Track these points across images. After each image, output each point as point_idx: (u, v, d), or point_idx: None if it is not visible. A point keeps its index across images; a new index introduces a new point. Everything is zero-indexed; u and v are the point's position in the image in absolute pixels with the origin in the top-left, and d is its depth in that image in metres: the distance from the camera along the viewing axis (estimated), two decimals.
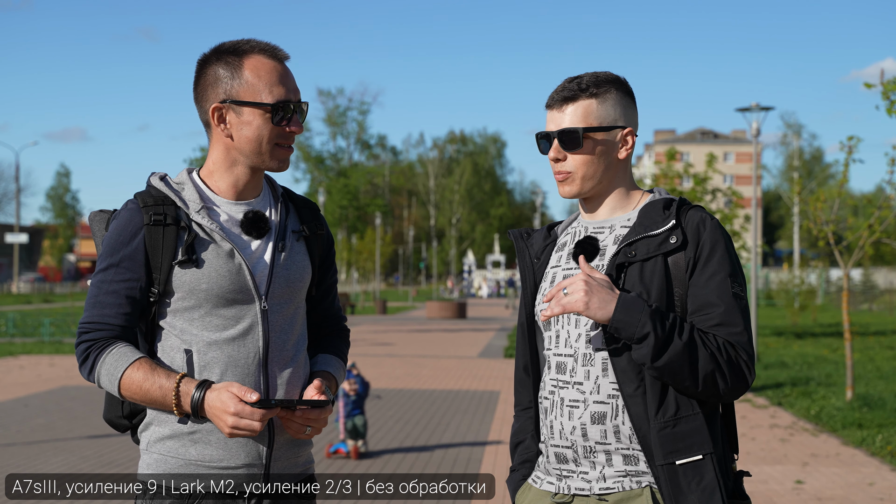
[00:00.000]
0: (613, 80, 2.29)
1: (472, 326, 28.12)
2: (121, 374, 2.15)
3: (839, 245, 11.74)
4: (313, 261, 2.37)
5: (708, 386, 2.10)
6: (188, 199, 2.24)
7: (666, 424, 2.12)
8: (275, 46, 2.27)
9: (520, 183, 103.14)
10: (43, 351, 18.72)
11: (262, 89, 2.21)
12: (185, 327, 2.22)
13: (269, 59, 2.24)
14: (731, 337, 2.12)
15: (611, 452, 2.18)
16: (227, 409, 2.08)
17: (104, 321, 2.20)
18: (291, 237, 2.33)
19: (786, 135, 78.43)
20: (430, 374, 14.46)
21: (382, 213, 72.69)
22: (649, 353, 2.07)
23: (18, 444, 8.49)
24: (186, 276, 2.20)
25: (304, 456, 2.33)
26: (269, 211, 2.33)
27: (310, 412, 2.16)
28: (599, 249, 2.26)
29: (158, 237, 2.19)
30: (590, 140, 2.24)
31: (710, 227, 2.20)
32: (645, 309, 2.09)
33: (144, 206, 2.21)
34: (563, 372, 2.25)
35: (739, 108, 18.14)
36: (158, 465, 2.21)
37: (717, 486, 2.09)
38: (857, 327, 25.54)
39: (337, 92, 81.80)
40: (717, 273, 2.16)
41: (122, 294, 2.20)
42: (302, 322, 2.35)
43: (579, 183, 2.27)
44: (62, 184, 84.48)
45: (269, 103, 2.21)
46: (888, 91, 8.91)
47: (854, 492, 6.88)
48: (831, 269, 44.17)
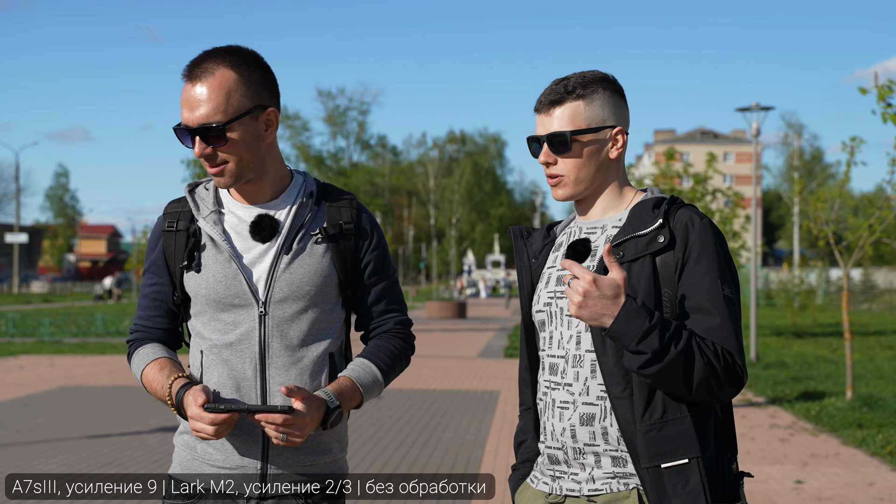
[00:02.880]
0: (601, 79, 2.26)
1: (472, 326, 28.11)
2: (141, 371, 2.30)
3: (839, 245, 11.74)
4: (339, 261, 2.31)
5: (702, 391, 2.08)
6: (202, 206, 2.30)
7: (652, 427, 2.10)
8: (191, 64, 2.20)
9: (520, 183, 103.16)
10: (43, 351, 18.71)
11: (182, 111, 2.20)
12: (199, 330, 2.30)
13: (183, 79, 2.21)
14: (725, 342, 2.09)
15: (599, 454, 2.17)
16: (188, 411, 2.15)
17: (140, 323, 2.37)
18: (306, 238, 2.29)
19: (786, 135, 78.43)
20: (430, 374, 14.46)
21: (382, 213, 72.61)
22: (643, 361, 2.05)
23: (18, 444, 8.49)
24: (191, 282, 2.27)
25: (316, 465, 2.28)
26: (287, 212, 2.30)
27: (271, 416, 2.10)
28: (591, 250, 2.24)
29: (172, 243, 2.29)
30: (579, 142, 2.22)
31: (698, 227, 2.16)
32: (647, 320, 2.04)
33: (165, 214, 2.33)
34: (555, 373, 2.24)
35: (739, 108, 18.15)
36: (176, 457, 2.32)
37: (702, 491, 2.07)
38: (856, 327, 25.55)
39: (337, 92, 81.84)
40: (707, 275, 2.12)
41: (152, 297, 2.35)
42: (321, 325, 2.30)
43: (571, 186, 2.26)
44: (61, 184, 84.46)
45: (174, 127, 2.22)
46: (883, 95, 8.84)
47: (854, 492, 6.88)
48: (831, 269, 44.18)
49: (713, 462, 2.15)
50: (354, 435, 8.90)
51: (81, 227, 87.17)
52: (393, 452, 8.16)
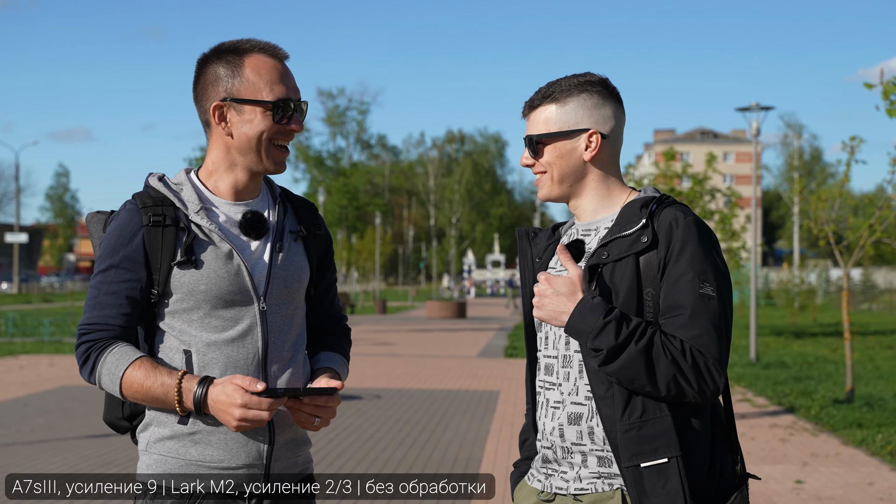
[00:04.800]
0: (584, 82, 2.27)
1: (472, 326, 28.11)
2: (122, 373, 2.14)
3: (839, 245, 11.74)
4: (311, 261, 2.37)
5: (672, 391, 2.07)
6: (187, 200, 2.23)
7: (631, 426, 2.10)
8: (274, 45, 2.27)
9: (520, 183, 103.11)
10: (43, 351, 18.71)
11: (263, 87, 2.21)
12: (184, 328, 2.21)
13: (269, 57, 2.25)
14: (695, 340, 2.07)
15: (586, 454, 2.18)
16: (233, 401, 2.07)
17: (105, 322, 2.19)
18: (289, 237, 2.33)
19: (786, 135, 78.44)
20: (430, 374, 14.46)
21: (382, 213, 72.68)
22: (601, 359, 2.07)
23: (18, 444, 8.49)
24: (185, 278, 2.19)
25: (303, 455, 2.33)
26: (268, 211, 2.33)
27: (317, 399, 2.16)
28: (584, 252, 2.26)
29: (158, 238, 2.19)
30: (549, 145, 2.27)
31: (682, 226, 2.15)
32: (601, 315, 2.07)
33: (143, 207, 2.20)
34: (549, 373, 2.27)
35: (739, 108, 18.15)
36: (158, 466, 2.20)
37: (681, 491, 2.07)
38: (856, 327, 25.54)
39: (337, 92, 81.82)
40: (686, 273, 2.11)
41: (123, 294, 2.19)
42: (301, 322, 2.34)
43: (548, 187, 2.31)
44: (61, 183, 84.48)
45: (270, 101, 2.21)
46: (888, 91, 8.87)
47: (854, 491, 6.88)
48: (831, 269, 44.18)
49: (703, 462, 2.14)
50: (354, 435, 8.91)
51: (81, 227, 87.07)
52: (393, 452, 8.15)
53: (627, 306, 2.14)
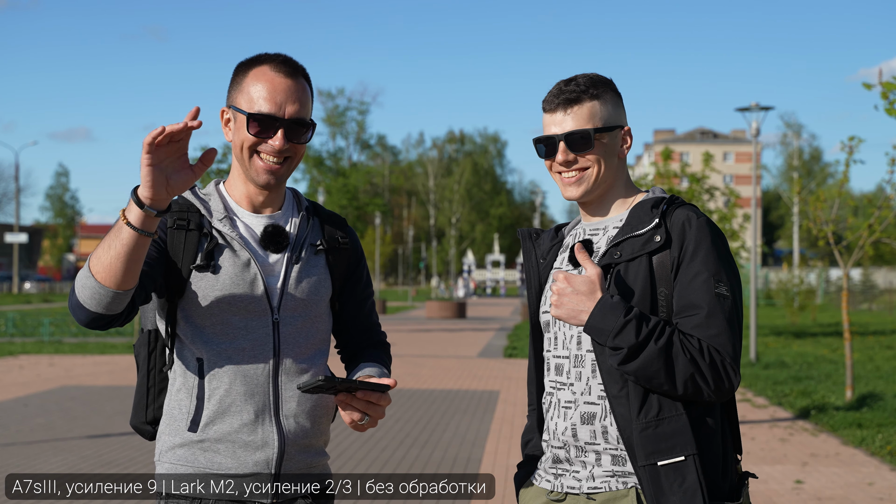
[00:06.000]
0: (606, 81, 2.30)
1: (472, 326, 28.11)
2: (88, 258, 2.04)
3: (839, 245, 11.74)
4: (333, 275, 2.36)
5: (689, 389, 2.08)
6: (213, 209, 2.27)
7: (648, 425, 2.11)
8: (285, 60, 2.27)
9: (519, 183, 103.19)
10: (43, 351, 18.70)
11: (254, 98, 2.23)
12: (197, 335, 2.23)
13: (272, 70, 2.25)
14: (712, 339, 2.09)
15: (600, 453, 2.19)
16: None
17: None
18: (309, 250, 2.33)
19: (786, 135, 78.46)
20: (430, 374, 14.46)
21: (382, 213, 72.61)
22: (621, 357, 2.08)
23: (18, 444, 8.49)
24: (202, 282, 2.21)
25: (318, 466, 2.32)
26: (290, 224, 2.34)
27: (370, 395, 2.15)
28: (593, 252, 2.26)
29: (180, 241, 2.22)
30: (599, 141, 2.25)
31: (695, 226, 2.16)
32: (622, 314, 2.08)
33: (169, 212, 2.18)
34: (560, 373, 2.26)
35: (739, 108, 18.15)
36: (170, 473, 2.23)
37: (699, 489, 2.07)
38: (856, 327, 25.54)
39: (337, 92, 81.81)
40: (701, 273, 2.13)
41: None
42: (321, 337, 2.34)
43: (587, 183, 2.27)
44: (61, 183, 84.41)
45: (248, 112, 2.21)
46: (887, 90, 8.88)
47: (854, 491, 6.88)
48: (831, 269, 44.18)
49: (716, 460, 2.15)
50: (354, 435, 8.90)
51: (81, 227, 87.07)
52: (393, 452, 8.16)
53: (641, 305, 2.15)
